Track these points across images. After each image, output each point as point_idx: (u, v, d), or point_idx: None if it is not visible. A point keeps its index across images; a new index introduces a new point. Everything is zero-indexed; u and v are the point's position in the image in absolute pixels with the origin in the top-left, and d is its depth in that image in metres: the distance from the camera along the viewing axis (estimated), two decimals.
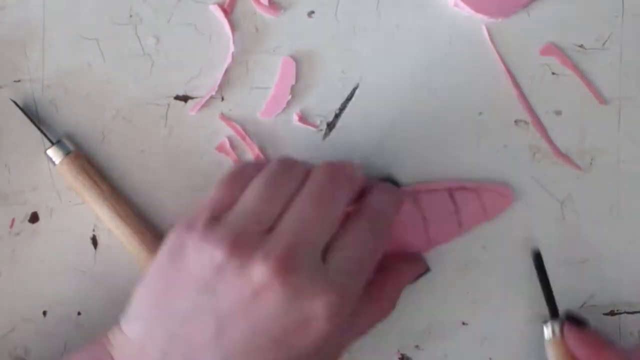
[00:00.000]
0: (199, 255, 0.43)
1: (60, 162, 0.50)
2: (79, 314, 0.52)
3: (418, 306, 0.52)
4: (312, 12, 0.52)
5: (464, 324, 0.52)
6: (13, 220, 0.52)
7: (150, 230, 0.51)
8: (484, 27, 0.52)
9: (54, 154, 0.50)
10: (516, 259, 0.52)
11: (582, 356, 0.50)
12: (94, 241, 0.52)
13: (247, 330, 0.42)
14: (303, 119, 0.52)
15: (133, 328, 0.45)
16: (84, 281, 0.52)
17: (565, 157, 0.52)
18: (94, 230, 0.52)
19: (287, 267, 0.42)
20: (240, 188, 0.45)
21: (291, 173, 0.46)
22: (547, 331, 0.51)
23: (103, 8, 0.52)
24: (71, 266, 0.52)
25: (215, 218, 0.44)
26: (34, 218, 0.52)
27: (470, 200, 0.52)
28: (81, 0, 0.52)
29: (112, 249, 0.52)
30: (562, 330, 0.50)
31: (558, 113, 0.53)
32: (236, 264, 0.42)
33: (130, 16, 0.52)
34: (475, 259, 0.52)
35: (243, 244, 0.43)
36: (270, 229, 0.44)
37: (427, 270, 0.52)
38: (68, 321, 0.52)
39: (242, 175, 0.46)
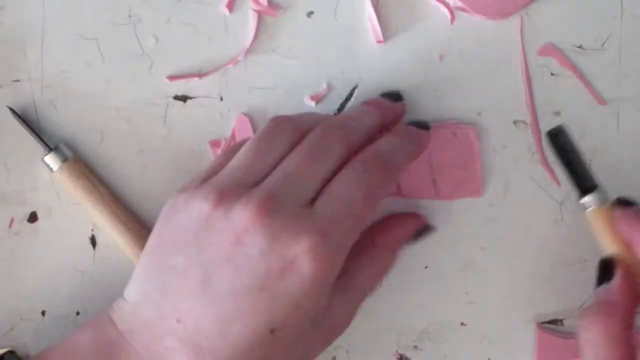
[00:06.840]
0: (188, 212, 0.44)
1: (58, 169, 0.50)
2: (77, 313, 0.52)
3: (417, 306, 0.52)
4: (312, 12, 0.52)
5: (462, 324, 0.52)
6: (12, 220, 0.52)
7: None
8: (483, 27, 0.52)
9: (51, 161, 0.50)
10: (515, 260, 0.52)
11: (627, 230, 0.47)
12: (93, 241, 0.52)
13: (232, 275, 0.42)
14: None
15: (131, 292, 0.45)
16: (83, 281, 0.52)
17: None
18: (92, 230, 0.52)
19: (268, 210, 0.42)
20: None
21: (283, 130, 0.46)
22: (589, 201, 0.48)
23: (102, 8, 0.52)
24: (70, 266, 0.52)
25: (207, 179, 0.45)
26: (33, 218, 0.52)
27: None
28: (80, 0, 0.52)
29: (110, 248, 0.52)
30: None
31: (557, 114, 0.53)
32: (220, 213, 0.43)
33: (130, 16, 0.52)
34: (474, 259, 0.52)
35: (228, 195, 0.43)
36: (257, 184, 0.44)
37: (428, 226, 0.51)
38: (67, 321, 0.52)
39: (238, 146, 0.47)
